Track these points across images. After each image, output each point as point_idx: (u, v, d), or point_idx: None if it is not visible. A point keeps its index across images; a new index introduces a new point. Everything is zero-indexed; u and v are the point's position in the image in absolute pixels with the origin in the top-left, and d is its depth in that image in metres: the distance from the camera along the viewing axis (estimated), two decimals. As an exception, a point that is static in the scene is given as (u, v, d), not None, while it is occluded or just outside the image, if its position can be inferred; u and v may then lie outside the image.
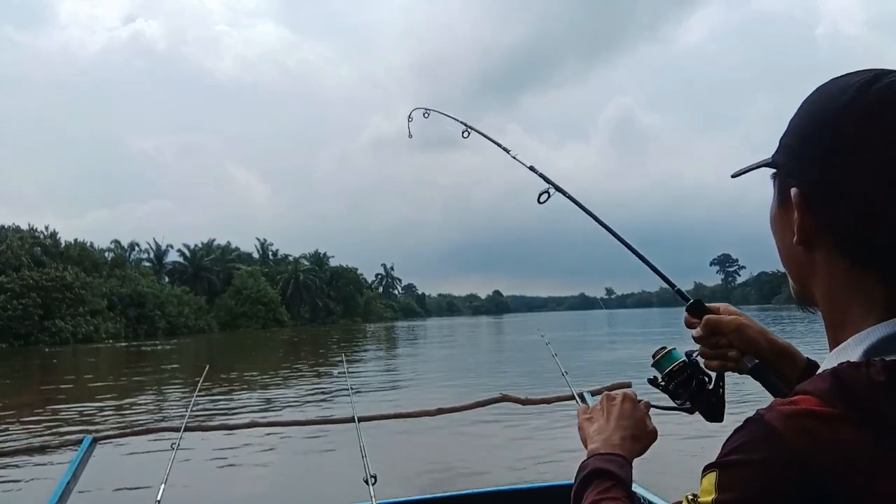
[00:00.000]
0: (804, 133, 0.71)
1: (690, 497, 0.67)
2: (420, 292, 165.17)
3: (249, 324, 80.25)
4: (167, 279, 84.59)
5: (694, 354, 1.11)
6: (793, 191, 0.71)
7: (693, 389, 1.10)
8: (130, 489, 7.67)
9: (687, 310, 1.10)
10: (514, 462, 8.61)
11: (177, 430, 3.89)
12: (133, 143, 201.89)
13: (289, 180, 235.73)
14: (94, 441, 3.99)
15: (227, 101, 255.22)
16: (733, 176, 0.84)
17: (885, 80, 0.67)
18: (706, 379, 1.11)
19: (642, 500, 3.10)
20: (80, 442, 3.98)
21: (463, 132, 2.23)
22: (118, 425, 12.16)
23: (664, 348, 1.14)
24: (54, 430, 12.34)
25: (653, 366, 1.15)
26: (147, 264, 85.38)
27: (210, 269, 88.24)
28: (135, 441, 7.67)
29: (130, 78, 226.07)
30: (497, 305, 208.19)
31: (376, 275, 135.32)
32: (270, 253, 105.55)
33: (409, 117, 2.77)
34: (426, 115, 2.70)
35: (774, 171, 0.77)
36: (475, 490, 3.85)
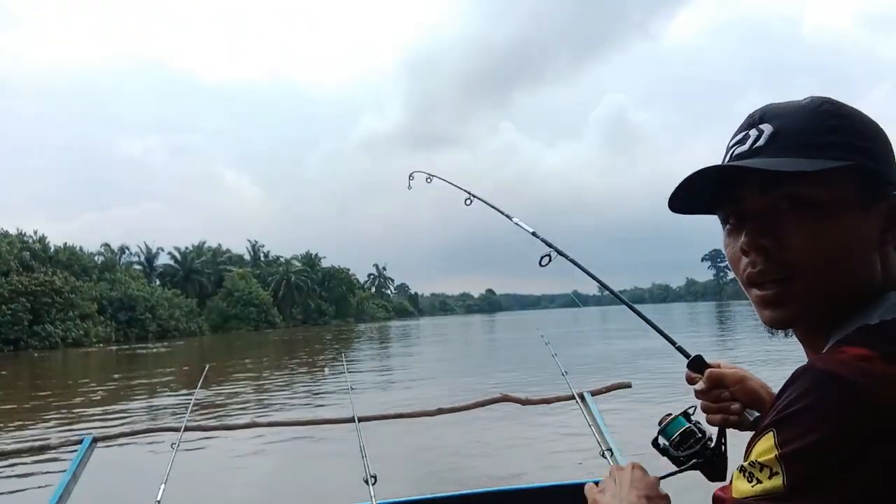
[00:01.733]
0: (885, 148, 0.79)
1: (746, 465, 0.68)
2: (413, 292, 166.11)
3: (241, 326, 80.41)
4: (158, 282, 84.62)
5: (692, 411, 1.14)
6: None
7: (697, 450, 1.11)
8: (130, 489, 7.66)
9: (688, 366, 1.13)
10: (515, 462, 8.66)
11: (177, 430, 3.92)
12: (123, 145, 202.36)
13: (280, 181, 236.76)
14: (94, 441, 4.00)
15: (216, 102, 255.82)
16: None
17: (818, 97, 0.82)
18: (709, 440, 1.12)
19: None
20: (80, 442, 4.00)
21: (466, 199, 2.30)
22: (118, 426, 12.19)
23: (670, 415, 1.15)
24: (54, 431, 12.37)
25: (659, 433, 1.16)
26: (138, 267, 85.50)
27: (201, 271, 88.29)
28: (135, 441, 7.70)
29: (117, 80, 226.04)
30: (490, 304, 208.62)
31: (369, 275, 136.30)
32: (262, 254, 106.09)
33: (411, 177, 2.76)
34: (429, 180, 2.69)
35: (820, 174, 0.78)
36: (475, 490, 3.89)
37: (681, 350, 1.22)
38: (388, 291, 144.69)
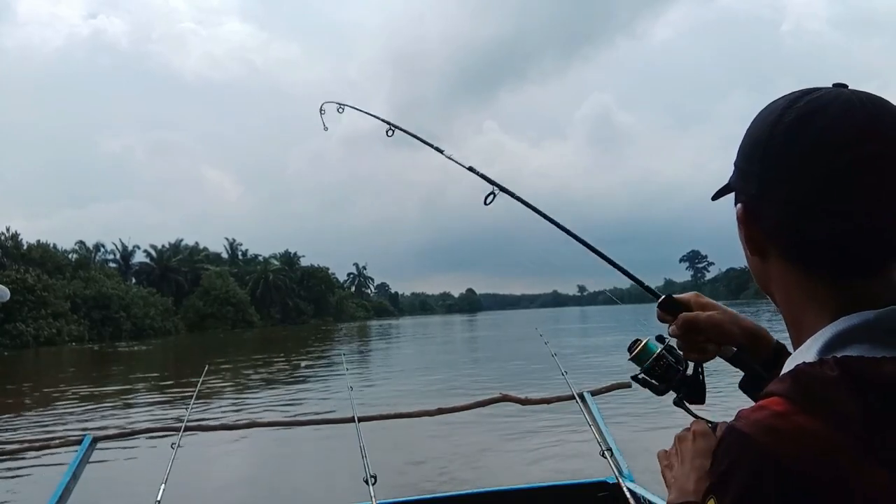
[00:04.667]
0: (744, 153, 0.82)
1: None
2: (393, 291, 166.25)
3: (218, 325, 79.59)
4: (134, 280, 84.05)
5: (668, 340, 1.15)
6: (737, 207, 0.82)
7: (674, 377, 1.14)
8: (130, 489, 7.76)
9: (659, 306, 1.15)
10: (515, 462, 8.85)
11: (177, 430, 4.06)
12: (101, 142, 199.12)
13: (260, 179, 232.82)
14: (94, 441, 4.15)
15: (197, 99, 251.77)
16: (713, 199, 0.93)
17: (805, 98, 0.76)
18: (684, 364, 1.14)
19: (642, 500, 3.34)
20: (80, 442, 4.14)
21: (387, 131, 2.13)
22: (115, 426, 12.27)
23: (639, 341, 1.16)
24: (49, 431, 12.38)
25: (630, 359, 1.17)
26: (113, 265, 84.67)
27: (177, 269, 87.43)
28: (135, 441, 7.81)
29: (96, 76, 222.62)
30: (471, 304, 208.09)
31: (348, 274, 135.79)
32: (240, 253, 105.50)
33: (322, 110, 2.67)
34: (340, 110, 2.62)
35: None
36: (475, 490, 4.06)
37: (649, 290, 1.28)
38: (369, 291, 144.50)
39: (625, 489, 3.34)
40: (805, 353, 0.74)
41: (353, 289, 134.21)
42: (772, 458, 0.65)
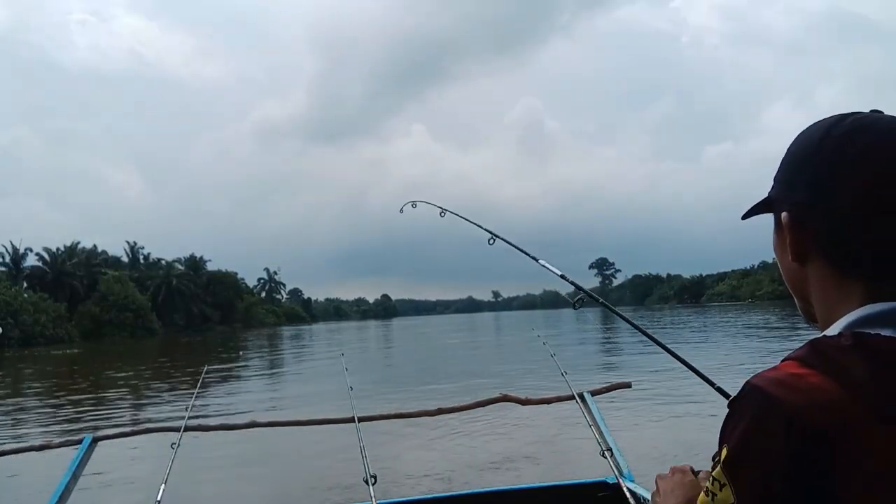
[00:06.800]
0: (790, 166, 0.88)
1: (708, 484, 0.77)
2: (306, 297, 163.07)
3: (115, 332, 77.34)
4: (25, 284, 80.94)
5: None
6: (783, 214, 0.87)
7: None
8: (130, 489, 7.84)
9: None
10: (514, 462, 8.82)
11: (177, 430, 4.07)
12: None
13: (164, 175, 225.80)
14: (94, 441, 4.17)
15: (102, 93, 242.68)
16: (743, 218, 0.98)
17: (849, 118, 0.84)
18: None
19: (642, 500, 3.34)
20: (80, 442, 4.14)
21: (489, 240, 2.30)
22: (118, 425, 12.30)
23: None
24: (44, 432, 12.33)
25: None
26: (2, 269, 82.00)
27: (73, 273, 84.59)
28: (135, 441, 7.78)
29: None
30: (386, 309, 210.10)
31: (259, 279, 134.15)
32: (141, 256, 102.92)
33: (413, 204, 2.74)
34: (443, 215, 2.73)
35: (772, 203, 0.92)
36: (475, 490, 4.06)
37: (720, 391, 1.25)
38: (280, 296, 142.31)
39: (625, 489, 3.34)
40: (830, 332, 0.81)
41: (263, 294, 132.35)
42: (781, 407, 0.71)
